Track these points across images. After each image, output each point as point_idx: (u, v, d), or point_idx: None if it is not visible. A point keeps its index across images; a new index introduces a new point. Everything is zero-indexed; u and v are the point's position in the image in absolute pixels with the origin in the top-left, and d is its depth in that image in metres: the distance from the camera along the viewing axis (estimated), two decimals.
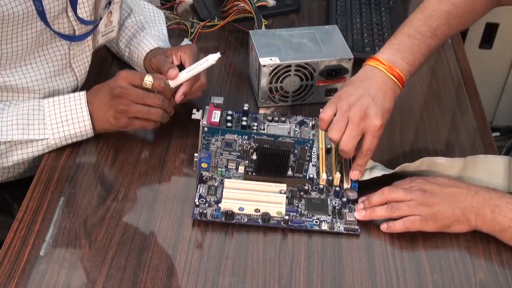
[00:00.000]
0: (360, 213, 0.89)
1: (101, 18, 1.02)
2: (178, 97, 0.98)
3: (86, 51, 1.05)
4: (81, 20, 0.98)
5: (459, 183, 0.90)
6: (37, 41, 0.95)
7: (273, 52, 1.06)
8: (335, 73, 1.08)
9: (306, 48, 1.08)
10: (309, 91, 1.09)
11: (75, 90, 1.08)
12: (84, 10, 0.98)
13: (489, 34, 1.93)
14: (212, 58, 0.96)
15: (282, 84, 1.07)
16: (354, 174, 0.93)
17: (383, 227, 0.88)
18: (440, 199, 0.87)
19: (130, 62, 1.14)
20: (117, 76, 0.95)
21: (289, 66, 1.05)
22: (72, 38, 0.99)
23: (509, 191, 0.92)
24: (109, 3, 1.02)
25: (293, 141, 0.90)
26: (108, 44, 1.18)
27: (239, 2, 1.24)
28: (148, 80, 0.94)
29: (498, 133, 0.97)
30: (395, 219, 0.88)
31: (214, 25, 1.27)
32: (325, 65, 1.06)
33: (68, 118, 0.95)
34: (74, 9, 0.96)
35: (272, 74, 1.05)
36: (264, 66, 1.04)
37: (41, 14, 0.91)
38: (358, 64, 1.16)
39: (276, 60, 1.05)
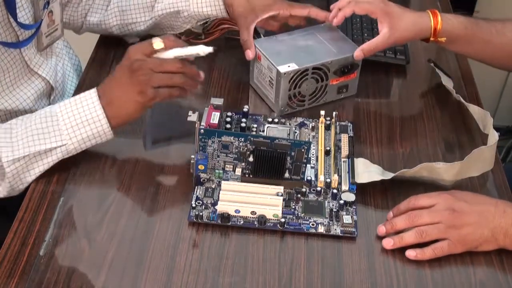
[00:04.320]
0: (388, 243, 0.86)
1: (42, 19, 1.01)
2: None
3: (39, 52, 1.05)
4: (22, 25, 0.97)
5: (487, 199, 0.89)
6: None
7: (286, 58, 1.05)
8: (348, 70, 1.08)
9: (316, 50, 1.08)
10: (323, 92, 1.09)
11: (50, 93, 1.09)
12: (25, 13, 0.98)
13: None
14: (203, 50, 0.93)
15: (300, 89, 1.06)
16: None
17: (411, 254, 0.85)
18: (469, 219, 0.85)
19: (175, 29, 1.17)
20: (127, 54, 0.92)
21: (307, 70, 1.04)
22: (16, 45, 0.98)
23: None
24: (47, 3, 1.01)
25: (289, 143, 0.90)
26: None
27: (223, 23, 1.19)
28: (157, 41, 0.92)
29: (498, 133, 0.97)
30: (422, 244, 0.86)
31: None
32: (339, 64, 1.06)
33: (83, 119, 0.92)
34: (14, 16, 0.95)
35: (291, 80, 1.04)
36: (284, 74, 1.03)
37: None
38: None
39: (294, 66, 1.03)
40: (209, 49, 0.93)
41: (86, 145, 0.94)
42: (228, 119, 1.03)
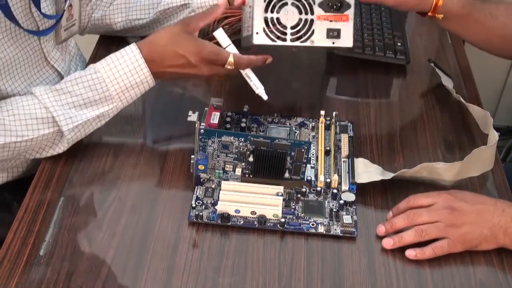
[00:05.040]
0: (387, 243, 0.86)
1: (64, 11, 1.01)
2: None
3: (57, 45, 1.05)
4: (45, 16, 0.97)
5: (487, 198, 0.89)
6: (13, 43, 0.95)
7: None
8: (336, 6, 0.97)
9: None
10: (309, 29, 0.96)
11: None
12: (46, 4, 0.98)
13: None
14: (260, 91, 0.98)
15: (279, 15, 0.95)
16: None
17: (411, 254, 0.85)
18: (468, 218, 0.85)
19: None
20: (198, 55, 0.94)
21: None
22: (37, 33, 0.98)
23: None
24: None
25: (289, 143, 0.90)
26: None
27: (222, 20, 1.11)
28: (230, 65, 0.95)
29: (498, 133, 0.97)
30: (421, 244, 0.86)
31: None
32: None
33: (132, 83, 0.95)
34: (37, 5, 0.95)
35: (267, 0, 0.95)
36: None
37: (4, 8, 0.90)
38: (352, 64, 1.17)
39: None
40: (265, 97, 0.98)
41: (133, 99, 0.97)
42: (228, 119, 1.03)
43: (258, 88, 0.98)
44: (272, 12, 0.95)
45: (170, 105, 1.10)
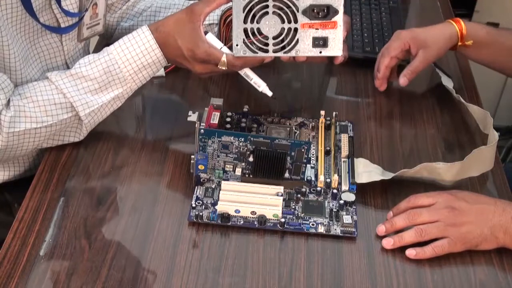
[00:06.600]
0: (387, 243, 0.86)
1: (86, 9, 1.01)
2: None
3: (78, 45, 1.05)
4: (66, 12, 0.97)
5: (487, 198, 0.89)
6: (28, 38, 0.95)
7: None
8: (322, 14, 0.92)
9: None
10: (293, 38, 0.93)
11: None
12: (70, 2, 0.98)
13: None
14: (263, 88, 0.97)
15: (260, 25, 0.92)
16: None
17: (412, 254, 0.85)
18: (469, 218, 0.85)
19: None
20: (193, 49, 0.93)
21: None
22: (58, 30, 0.98)
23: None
24: None
25: (289, 144, 0.90)
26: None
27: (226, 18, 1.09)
28: (222, 65, 0.94)
29: (498, 133, 0.97)
30: (422, 243, 0.86)
31: None
32: (310, 3, 0.92)
33: (144, 64, 0.95)
34: (58, 1, 0.96)
35: (247, 9, 0.91)
36: None
37: (26, 3, 0.90)
38: (352, 64, 1.17)
39: None
40: (269, 93, 0.97)
41: (146, 80, 0.98)
42: (228, 119, 1.03)
43: (260, 85, 0.97)
44: (252, 22, 0.92)
45: (170, 105, 1.11)
